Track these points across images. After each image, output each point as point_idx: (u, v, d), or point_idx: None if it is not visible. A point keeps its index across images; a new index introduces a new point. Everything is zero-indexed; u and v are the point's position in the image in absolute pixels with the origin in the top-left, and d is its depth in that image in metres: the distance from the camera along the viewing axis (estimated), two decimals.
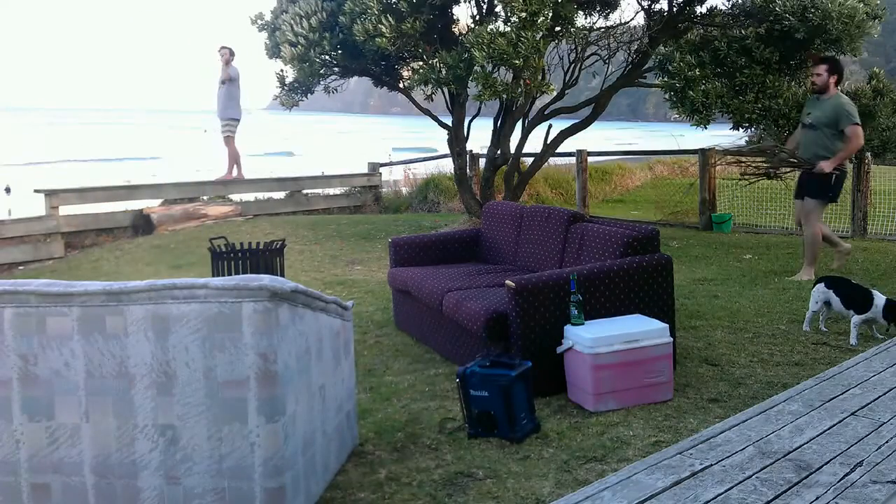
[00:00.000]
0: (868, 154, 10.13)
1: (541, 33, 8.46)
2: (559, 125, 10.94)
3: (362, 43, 9.39)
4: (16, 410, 2.85)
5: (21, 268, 10.25)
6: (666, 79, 8.76)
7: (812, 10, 8.16)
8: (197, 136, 55.28)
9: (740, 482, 2.75)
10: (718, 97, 8.40)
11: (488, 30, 8.44)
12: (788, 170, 7.66)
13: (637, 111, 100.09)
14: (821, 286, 5.73)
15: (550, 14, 8.44)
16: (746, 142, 9.31)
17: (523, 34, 8.22)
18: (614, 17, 10.54)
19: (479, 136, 11.79)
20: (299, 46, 9.78)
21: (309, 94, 10.95)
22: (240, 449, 2.78)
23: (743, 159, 7.89)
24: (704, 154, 11.90)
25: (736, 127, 8.96)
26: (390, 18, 8.98)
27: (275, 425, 2.79)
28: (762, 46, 8.47)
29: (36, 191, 11.50)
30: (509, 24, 8.76)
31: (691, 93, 8.32)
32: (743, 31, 8.76)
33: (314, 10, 9.85)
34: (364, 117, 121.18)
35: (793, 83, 8.81)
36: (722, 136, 12.74)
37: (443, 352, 5.34)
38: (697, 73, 8.37)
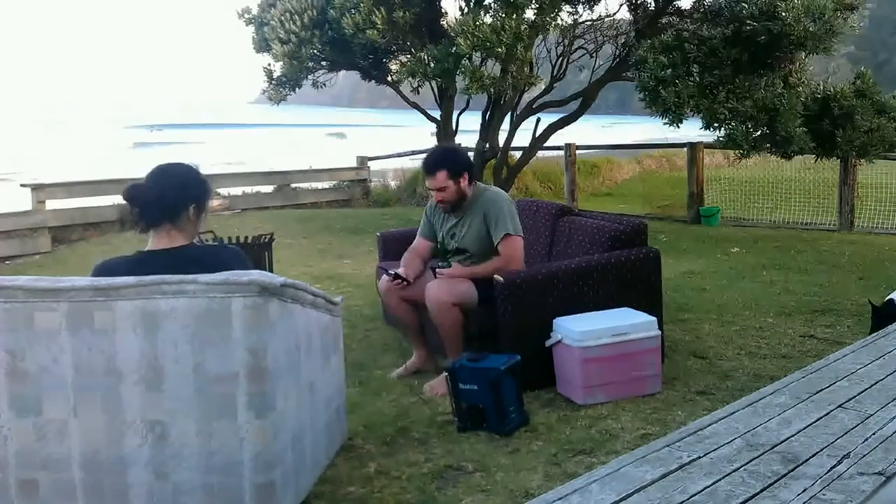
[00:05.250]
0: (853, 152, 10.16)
1: (525, 23, 8.46)
2: (547, 119, 10.95)
3: (351, 37, 9.37)
4: (3, 406, 2.83)
5: (7, 262, 10.19)
6: (641, 77, 8.76)
7: (772, 20, 8.09)
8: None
9: (728, 474, 2.76)
10: (690, 97, 8.40)
11: (471, 18, 8.44)
12: None
13: (625, 105, 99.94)
14: None
15: (533, 2, 8.45)
16: (718, 139, 9.25)
17: (506, 21, 8.21)
18: (599, 10, 10.55)
19: (468, 130, 11.78)
20: (290, 44, 9.76)
21: (297, 89, 10.94)
22: (229, 444, 2.77)
23: None
24: (693, 147, 11.94)
25: (707, 126, 8.96)
26: (382, 10, 8.97)
27: (264, 421, 2.79)
28: (729, 48, 8.47)
29: (22, 185, 11.43)
30: (491, 11, 8.75)
31: (663, 92, 8.32)
32: (711, 32, 8.75)
33: (304, 8, 9.81)
34: (352, 111, 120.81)
35: (765, 83, 8.76)
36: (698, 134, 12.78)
37: (431, 346, 5.33)
38: (669, 73, 8.37)
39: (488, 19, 8.70)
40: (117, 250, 10.14)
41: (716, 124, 8.78)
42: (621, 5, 10.59)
